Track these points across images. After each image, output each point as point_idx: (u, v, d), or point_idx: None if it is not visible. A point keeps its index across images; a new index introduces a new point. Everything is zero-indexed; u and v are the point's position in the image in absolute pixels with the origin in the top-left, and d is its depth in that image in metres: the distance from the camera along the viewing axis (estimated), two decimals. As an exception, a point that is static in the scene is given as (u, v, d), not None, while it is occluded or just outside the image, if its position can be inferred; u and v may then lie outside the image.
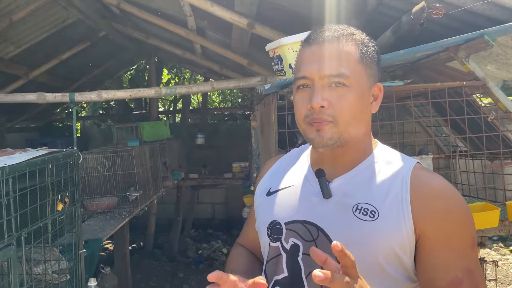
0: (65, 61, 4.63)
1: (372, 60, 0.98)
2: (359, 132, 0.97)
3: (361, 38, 0.98)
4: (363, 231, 0.91)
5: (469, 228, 0.92)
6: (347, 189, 0.96)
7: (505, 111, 1.91)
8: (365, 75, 0.96)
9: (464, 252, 0.90)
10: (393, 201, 0.92)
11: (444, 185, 0.94)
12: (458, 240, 0.90)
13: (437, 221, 0.90)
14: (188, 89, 2.92)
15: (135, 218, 4.16)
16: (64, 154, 2.25)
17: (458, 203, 0.92)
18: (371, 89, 0.98)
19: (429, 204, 0.90)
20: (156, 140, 5.21)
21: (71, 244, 2.46)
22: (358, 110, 0.95)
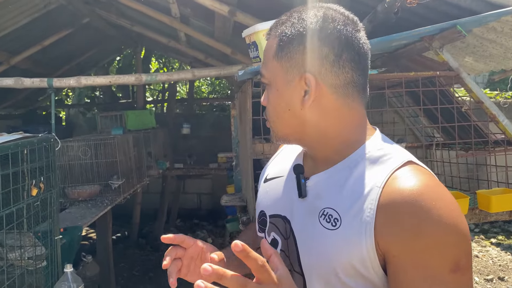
0: (48, 48, 4.56)
1: (296, 50, 0.85)
2: (303, 130, 0.88)
3: (287, 26, 0.87)
4: (322, 239, 0.83)
5: (451, 248, 0.74)
6: (320, 189, 0.88)
7: (477, 101, 1.93)
8: (281, 70, 0.87)
9: (439, 279, 0.73)
10: (358, 210, 0.80)
11: (422, 193, 0.76)
12: (432, 262, 0.74)
13: (405, 237, 0.75)
14: (168, 76, 2.91)
15: (120, 207, 4.15)
16: (40, 139, 2.23)
17: (437, 215, 0.74)
18: (293, 83, 0.86)
19: (395, 218, 0.76)
20: (141, 129, 5.19)
21: (47, 231, 2.45)
22: (280, 108, 0.88)
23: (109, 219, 4.50)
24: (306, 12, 0.87)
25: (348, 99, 0.87)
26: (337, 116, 0.88)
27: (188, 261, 0.98)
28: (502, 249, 5.94)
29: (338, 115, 0.88)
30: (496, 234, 6.52)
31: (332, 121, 0.88)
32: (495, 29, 2.09)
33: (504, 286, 4.81)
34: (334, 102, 0.87)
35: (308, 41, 0.85)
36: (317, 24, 0.85)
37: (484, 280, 4.93)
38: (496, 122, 1.93)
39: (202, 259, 0.98)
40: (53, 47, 4.66)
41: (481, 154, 1.98)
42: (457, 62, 1.90)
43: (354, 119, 0.89)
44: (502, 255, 5.74)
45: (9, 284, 2.05)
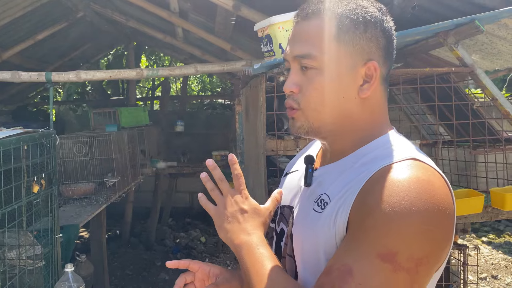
0: (40, 42, 4.45)
1: (359, 35, 0.82)
2: (342, 120, 0.85)
3: (346, 9, 0.83)
4: (312, 222, 0.84)
5: (389, 237, 0.70)
6: (323, 178, 0.88)
7: (491, 98, 1.92)
8: (342, 54, 0.83)
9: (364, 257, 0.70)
10: (344, 192, 0.80)
11: (399, 182, 0.73)
12: (367, 241, 0.72)
13: (360, 216, 0.74)
14: (170, 71, 2.84)
15: (112, 206, 4.07)
16: (41, 134, 2.16)
17: (394, 204, 0.71)
18: (355, 69, 0.83)
19: (364, 198, 0.75)
20: (135, 126, 5.11)
21: (46, 229, 2.38)
22: (332, 96, 0.83)
23: (103, 218, 4.42)
24: (361, 1, 0.85)
25: (386, 92, 0.88)
26: (377, 109, 0.87)
27: (200, 283, 0.98)
28: (493, 248, 6.00)
29: (378, 109, 0.87)
30: (487, 232, 6.59)
31: (367, 114, 0.86)
32: (506, 25, 2.08)
33: (497, 284, 4.86)
34: (380, 95, 0.87)
35: (373, 29, 0.83)
36: (378, 14, 0.84)
37: (478, 279, 4.97)
38: (510, 119, 1.92)
39: (212, 281, 0.98)
40: (46, 41, 4.56)
41: (495, 152, 1.97)
42: (471, 59, 1.88)
43: (379, 113, 0.87)
44: (493, 254, 5.80)
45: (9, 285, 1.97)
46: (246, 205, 0.89)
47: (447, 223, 0.74)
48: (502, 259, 5.58)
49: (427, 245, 0.71)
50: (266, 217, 0.91)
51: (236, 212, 0.88)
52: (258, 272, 0.81)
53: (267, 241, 0.90)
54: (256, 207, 0.90)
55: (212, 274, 0.98)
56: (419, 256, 0.70)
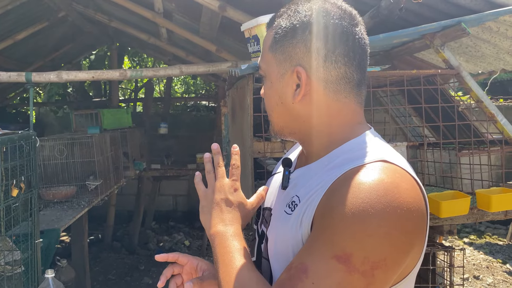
0: (20, 42, 4.34)
1: (289, 43, 0.84)
2: (297, 124, 0.88)
3: (284, 18, 0.86)
4: (281, 223, 0.86)
5: (345, 238, 0.70)
6: (298, 181, 0.90)
7: (476, 101, 1.93)
8: (275, 63, 0.87)
9: (320, 257, 0.71)
10: (312, 194, 0.81)
11: (361, 184, 0.73)
12: (324, 240, 0.72)
13: (322, 215, 0.76)
14: (155, 72, 2.79)
15: (93, 209, 4.00)
16: (20, 136, 2.09)
17: (353, 205, 0.71)
18: (285, 76, 0.85)
19: (327, 198, 0.76)
20: (117, 128, 5.03)
21: (26, 234, 2.31)
22: (273, 102, 0.90)
23: (85, 221, 4.33)
24: (302, 4, 0.86)
25: (340, 95, 0.85)
26: (327, 111, 0.86)
27: (188, 276, 1.00)
28: (474, 248, 6.08)
29: (328, 110, 0.86)
30: (468, 234, 6.69)
31: (323, 117, 0.86)
32: (491, 28, 2.10)
33: (479, 285, 4.92)
34: (325, 97, 0.85)
35: (300, 34, 0.83)
36: (311, 17, 0.83)
37: (460, 279, 5.03)
38: (494, 121, 1.94)
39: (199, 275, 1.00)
40: (26, 41, 4.45)
41: (478, 153, 1.98)
42: (457, 61, 1.89)
43: (345, 115, 0.87)
44: (475, 254, 5.88)
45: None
46: (233, 196, 0.91)
47: (411, 226, 0.72)
48: (483, 259, 5.66)
49: (385, 248, 0.70)
50: (249, 212, 0.93)
51: (221, 201, 0.91)
52: (226, 263, 0.82)
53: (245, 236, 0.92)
54: (242, 200, 0.92)
55: (199, 269, 0.99)
56: (375, 259, 0.69)
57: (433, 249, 2.02)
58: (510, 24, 2.00)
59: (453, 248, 2.02)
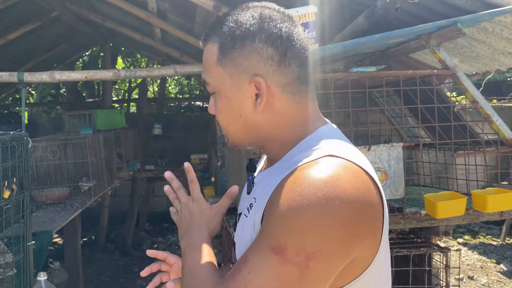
0: (12, 42, 4.30)
1: (240, 54, 0.83)
2: (255, 134, 0.88)
3: (226, 30, 0.84)
4: (241, 226, 0.89)
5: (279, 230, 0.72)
6: (258, 184, 0.92)
7: (472, 101, 1.93)
8: (227, 77, 0.84)
9: (258, 249, 0.74)
10: (262, 196, 0.82)
11: (300, 178, 0.74)
12: (262, 234, 0.75)
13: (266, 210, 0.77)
14: (149, 72, 2.77)
15: (87, 210, 3.96)
16: (11, 137, 2.06)
17: (288, 199, 0.72)
18: (242, 88, 0.84)
19: (271, 197, 0.77)
20: (111, 129, 5.00)
21: (18, 236, 2.28)
22: (231, 115, 0.87)
23: (78, 223, 4.28)
24: (242, 14, 0.85)
25: (298, 96, 0.87)
26: (288, 114, 0.87)
27: (174, 276, 1.03)
28: (469, 249, 6.11)
29: (289, 113, 0.87)
30: (462, 234, 6.71)
31: (284, 121, 0.87)
32: (486, 29, 2.10)
33: (473, 285, 4.93)
34: (285, 101, 0.86)
35: (250, 44, 0.82)
36: (256, 25, 0.83)
37: (455, 280, 5.04)
38: (490, 122, 1.93)
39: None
40: (18, 41, 4.41)
41: (473, 154, 1.97)
42: (453, 61, 1.89)
43: (304, 114, 0.88)
44: (469, 255, 5.89)
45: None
46: (193, 207, 0.97)
47: (352, 217, 0.71)
48: (477, 259, 5.68)
49: (321, 240, 0.70)
50: (213, 216, 0.97)
51: (185, 215, 0.97)
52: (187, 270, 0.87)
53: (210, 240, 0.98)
54: (202, 208, 0.97)
55: None
56: (310, 250, 0.69)
57: (429, 250, 2.02)
58: (505, 25, 2.00)
59: (449, 249, 2.02)
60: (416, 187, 2.60)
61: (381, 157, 1.81)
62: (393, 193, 1.83)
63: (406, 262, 1.99)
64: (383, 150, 1.82)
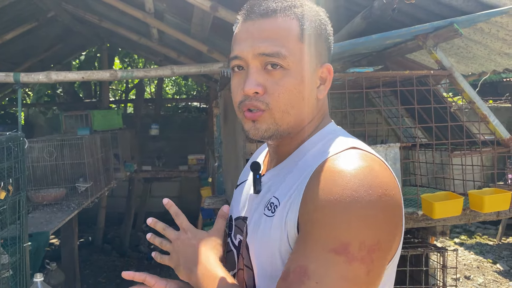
0: (8, 42, 4.28)
1: (318, 37, 0.83)
2: (301, 122, 0.84)
3: (304, 11, 0.83)
4: (263, 227, 0.81)
5: (338, 229, 0.69)
6: (271, 182, 0.87)
7: (469, 101, 1.93)
8: (307, 55, 0.81)
9: (317, 255, 0.69)
10: (292, 193, 0.78)
11: (339, 171, 0.73)
12: (317, 239, 0.70)
13: (308, 211, 0.73)
14: (146, 72, 2.76)
15: (84, 211, 3.95)
16: (8, 138, 2.05)
17: (337, 196, 0.70)
18: (316, 71, 0.83)
19: (309, 192, 0.74)
20: (108, 130, 4.99)
21: (14, 237, 2.27)
22: (298, 97, 0.81)
23: (75, 224, 4.28)
24: (313, 4, 0.86)
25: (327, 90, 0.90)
26: (323, 106, 0.89)
27: None
28: (465, 249, 6.12)
29: (324, 105, 0.90)
30: (459, 234, 6.73)
31: (319, 112, 0.88)
32: (482, 30, 2.11)
33: (470, 285, 4.94)
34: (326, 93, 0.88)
35: (324, 32, 0.85)
36: (326, 18, 0.87)
37: (452, 280, 5.05)
38: (486, 122, 1.94)
39: None
40: (15, 41, 4.39)
41: (470, 154, 1.98)
42: (449, 62, 1.89)
43: (325, 107, 0.91)
44: (466, 255, 5.91)
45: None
46: (189, 237, 0.91)
47: (394, 207, 0.72)
48: (473, 259, 5.70)
49: (377, 231, 0.69)
50: (214, 240, 0.92)
51: (183, 250, 0.89)
52: None
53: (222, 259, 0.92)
54: (198, 235, 0.91)
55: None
56: (370, 243, 0.68)
57: (426, 250, 2.02)
58: (502, 26, 2.01)
59: (446, 249, 2.02)
60: (413, 187, 2.61)
61: (378, 158, 1.81)
62: (390, 194, 1.83)
63: (403, 262, 2.00)
64: (380, 150, 1.82)
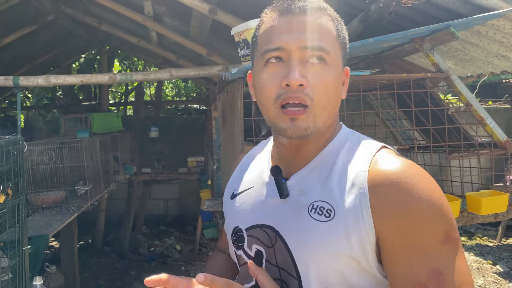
0: (8, 46, 4.29)
1: (345, 40, 0.86)
2: (331, 120, 0.85)
3: (335, 14, 0.86)
4: (318, 233, 0.78)
5: (438, 221, 0.74)
6: (304, 185, 0.84)
7: (466, 104, 1.94)
8: (341, 55, 0.84)
9: (430, 252, 0.73)
10: (350, 196, 0.77)
11: (405, 172, 0.76)
12: (422, 238, 0.73)
13: (395, 217, 0.74)
14: (145, 76, 2.77)
15: (83, 214, 3.95)
16: (7, 142, 2.06)
17: (421, 192, 0.74)
18: (342, 72, 0.86)
19: (385, 198, 0.75)
20: (107, 132, 5.00)
21: (13, 241, 2.27)
22: (334, 94, 0.82)
23: (75, 227, 4.28)
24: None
25: None
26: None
27: None
28: (465, 250, 6.12)
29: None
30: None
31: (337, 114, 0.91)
32: (479, 32, 2.12)
33: (470, 286, 4.94)
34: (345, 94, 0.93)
35: (346, 38, 0.88)
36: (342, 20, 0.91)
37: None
38: (483, 124, 1.94)
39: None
40: (14, 44, 4.40)
41: (468, 156, 1.98)
42: (446, 64, 1.90)
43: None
44: (466, 256, 5.91)
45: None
46: None
47: None
48: (474, 261, 5.70)
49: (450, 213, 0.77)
50: None
51: None
52: None
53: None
54: None
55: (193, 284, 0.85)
56: (453, 223, 0.76)
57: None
58: (498, 28, 2.02)
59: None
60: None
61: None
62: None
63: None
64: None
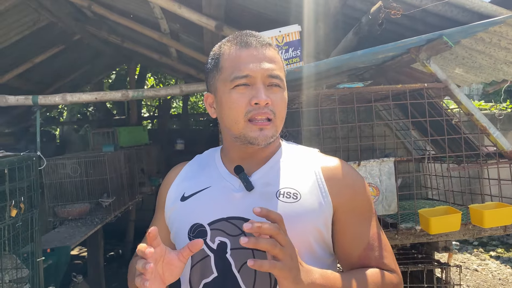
0: (38, 65, 4.53)
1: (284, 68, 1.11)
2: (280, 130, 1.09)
3: (276, 48, 1.09)
4: (289, 212, 0.96)
5: (368, 196, 1.06)
6: (267, 179, 1.03)
7: (467, 114, 1.89)
8: (285, 80, 1.08)
9: (370, 219, 1.04)
10: (311, 183, 1.02)
11: (344, 164, 1.08)
12: (365, 209, 1.04)
13: (347, 195, 1.02)
14: (156, 92, 2.86)
15: (113, 225, 4.07)
16: (21, 158, 2.18)
17: (357, 176, 1.07)
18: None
19: (339, 182, 1.03)
20: (133, 146, 5.14)
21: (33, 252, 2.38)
22: (285, 110, 1.06)
23: (100, 238, 4.42)
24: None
25: None
26: None
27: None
28: (501, 262, 5.84)
29: None
30: (495, 247, 6.43)
31: None
32: (483, 40, 2.06)
33: (504, 301, 4.71)
34: None
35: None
36: None
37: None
38: (487, 134, 1.88)
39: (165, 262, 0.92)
40: (44, 64, 4.64)
41: (473, 167, 1.92)
42: (445, 74, 1.86)
43: None
44: (502, 269, 5.63)
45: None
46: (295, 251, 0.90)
47: None
48: (510, 274, 5.43)
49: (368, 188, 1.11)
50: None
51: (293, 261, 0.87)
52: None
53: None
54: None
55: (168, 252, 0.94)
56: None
57: (427, 266, 1.97)
58: (502, 35, 1.96)
59: (448, 264, 1.96)
60: (425, 201, 2.55)
61: (372, 172, 1.80)
62: (386, 209, 1.81)
63: (404, 278, 1.95)
64: (373, 165, 1.81)
